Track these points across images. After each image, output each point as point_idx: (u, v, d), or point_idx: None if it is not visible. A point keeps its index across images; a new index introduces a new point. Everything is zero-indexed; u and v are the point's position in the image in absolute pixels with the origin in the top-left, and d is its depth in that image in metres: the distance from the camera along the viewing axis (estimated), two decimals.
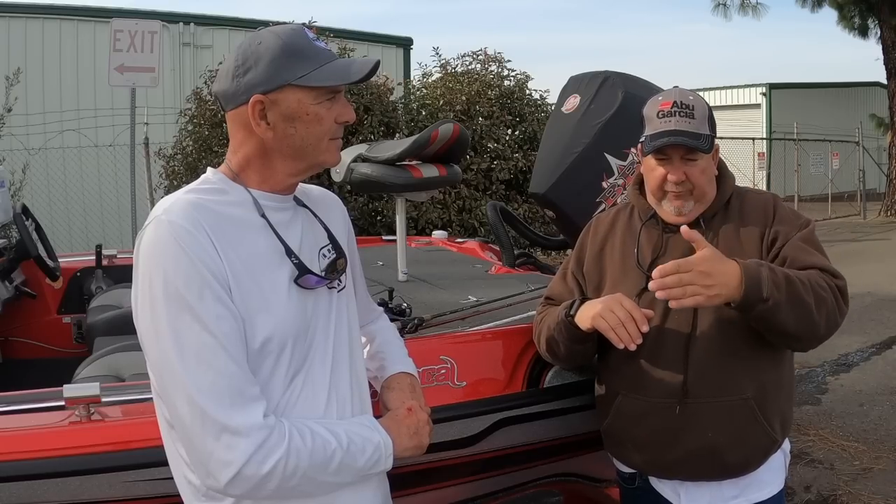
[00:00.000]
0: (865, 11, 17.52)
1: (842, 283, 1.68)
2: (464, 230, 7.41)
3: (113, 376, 2.39)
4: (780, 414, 1.77)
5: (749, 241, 1.76)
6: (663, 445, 1.76)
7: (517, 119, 8.30)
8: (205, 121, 7.32)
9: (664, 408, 1.74)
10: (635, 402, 1.78)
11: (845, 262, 9.89)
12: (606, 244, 1.91)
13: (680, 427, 1.73)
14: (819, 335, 1.68)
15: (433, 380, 1.86)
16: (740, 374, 1.71)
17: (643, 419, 1.78)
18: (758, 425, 1.72)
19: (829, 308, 1.63)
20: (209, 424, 1.19)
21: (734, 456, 1.73)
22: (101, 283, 3.65)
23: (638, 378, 1.77)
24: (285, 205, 1.38)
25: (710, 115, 1.77)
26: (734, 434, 1.71)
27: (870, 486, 3.63)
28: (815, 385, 5.17)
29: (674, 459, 1.77)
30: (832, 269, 1.69)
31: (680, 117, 1.71)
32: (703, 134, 1.72)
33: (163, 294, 1.20)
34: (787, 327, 1.61)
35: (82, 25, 9.85)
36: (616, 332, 1.64)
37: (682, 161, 1.73)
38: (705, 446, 1.72)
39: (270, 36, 1.30)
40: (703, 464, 1.75)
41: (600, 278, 1.89)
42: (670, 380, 1.73)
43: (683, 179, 1.73)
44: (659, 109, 1.75)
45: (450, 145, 2.68)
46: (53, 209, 9.06)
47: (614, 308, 1.65)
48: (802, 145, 18.04)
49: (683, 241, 1.74)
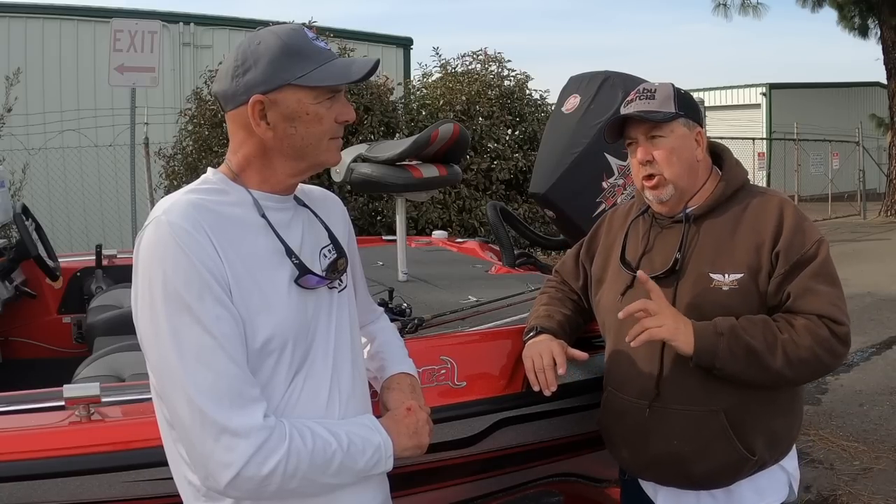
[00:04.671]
0: (865, 11, 17.52)
1: (841, 329, 1.62)
2: (464, 230, 7.40)
3: (113, 376, 2.39)
4: (766, 432, 1.70)
5: (743, 247, 1.69)
6: (636, 446, 1.78)
7: (517, 119, 8.30)
8: (205, 121, 7.32)
9: (637, 408, 1.75)
10: (617, 399, 1.82)
11: (845, 262, 9.92)
12: (616, 239, 1.92)
13: (650, 430, 1.74)
14: (794, 384, 1.71)
15: (433, 380, 1.86)
16: (714, 385, 1.66)
17: (622, 417, 1.80)
18: (726, 441, 1.67)
19: (810, 365, 1.62)
20: (209, 425, 1.19)
21: (699, 468, 1.70)
22: (101, 283, 3.65)
23: (620, 376, 1.81)
24: (285, 205, 1.37)
25: (678, 97, 1.76)
26: (699, 445, 1.68)
27: (870, 486, 3.63)
28: (815, 385, 5.17)
29: (643, 462, 1.78)
30: (834, 313, 1.62)
31: (640, 101, 1.75)
32: (664, 111, 1.73)
33: (162, 295, 1.20)
34: (750, 383, 1.65)
35: (82, 25, 9.84)
36: (536, 376, 1.81)
37: (648, 140, 1.74)
38: (671, 453, 1.71)
39: (270, 36, 1.30)
40: (669, 471, 1.75)
41: (602, 273, 1.93)
42: (644, 381, 1.74)
43: (650, 159, 1.74)
44: (626, 101, 1.79)
45: (450, 145, 2.68)
46: (53, 209, 9.05)
47: (543, 354, 1.81)
48: (802, 145, 18.05)
49: (669, 238, 1.76)
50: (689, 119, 1.76)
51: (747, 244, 1.69)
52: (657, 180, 1.74)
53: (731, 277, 1.67)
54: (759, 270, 1.67)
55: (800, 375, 1.65)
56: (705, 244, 1.72)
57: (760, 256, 1.67)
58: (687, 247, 1.74)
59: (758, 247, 1.68)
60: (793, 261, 1.65)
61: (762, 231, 1.69)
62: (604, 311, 1.89)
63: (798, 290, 1.63)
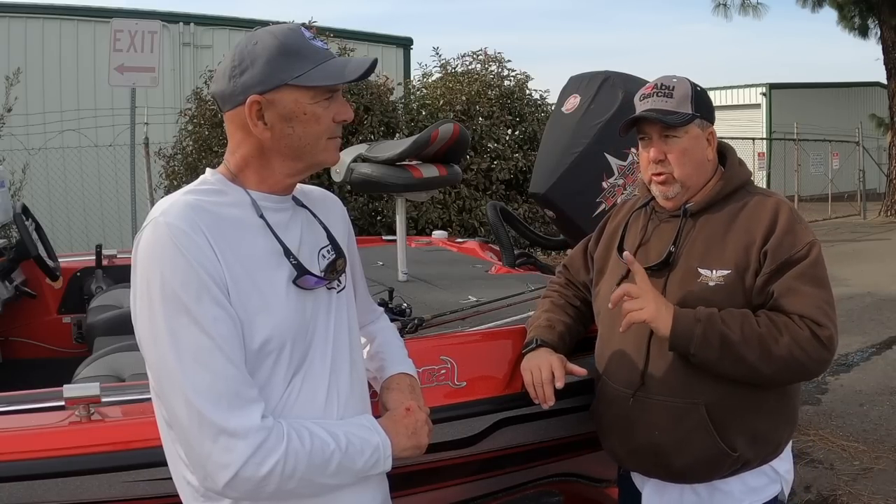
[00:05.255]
0: (865, 11, 17.51)
1: (823, 332, 1.60)
2: (464, 230, 7.40)
3: (113, 376, 2.39)
4: (748, 430, 1.69)
5: (734, 245, 1.70)
6: (621, 434, 1.80)
7: (517, 119, 8.30)
8: (205, 121, 7.32)
9: (623, 398, 1.77)
10: (607, 388, 1.84)
11: (845, 262, 9.94)
12: (617, 230, 1.96)
13: (633, 419, 1.76)
14: (774, 384, 1.69)
15: (433, 380, 1.86)
16: (697, 378, 1.67)
17: (611, 406, 1.82)
18: (706, 434, 1.67)
19: (787, 364, 1.60)
20: (207, 426, 1.19)
21: (678, 460, 1.71)
22: (101, 283, 3.65)
23: (611, 364, 1.83)
24: (284, 205, 1.37)
25: (695, 97, 1.76)
26: (679, 438, 1.69)
27: (870, 486, 3.63)
28: (815, 385, 5.17)
29: (626, 451, 1.81)
30: (815, 315, 1.60)
31: (657, 97, 1.75)
32: (681, 112, 1.73)
33: (160, 296, 1.20)
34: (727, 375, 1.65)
35: (82, 25, 9.85)
36: (535, 390, 1.82)
37: (661, 139, 1.75)
38: (651, 444, 1.73)
39: (267, 36, 1.30)
40: (650, 461, 1.77)
41: (603, 264, 1.96)
42: (631, 371, 1.77)
43: (662, 158, 1.75)
44: (642, 94, 1.79)
45: (450, 145, 2.68)
46: (53, 209, 9.05)
47: (542, 368, 1.82)
48: (802, 145, 18.03)
49: (666, 231, 1.79)
50: (704, 119, 1.78)
51: (738, 242, 1.71)
52: (666, 177, 1.77)
53: (719, 273, 1.69)
54: (746, 268, 1.68)
55: (777, 374, 1.63)
56: (698, 239, 1.75)
57: (749, 255, 1.69)
58: (681, 241, 1.76)
59: (748, 245, 1.69)
60: (780, 260, 1.65)
61: (754, 230, 1.71)
62: (601, 301, 1.91)
63: (782, 290, 1.64)
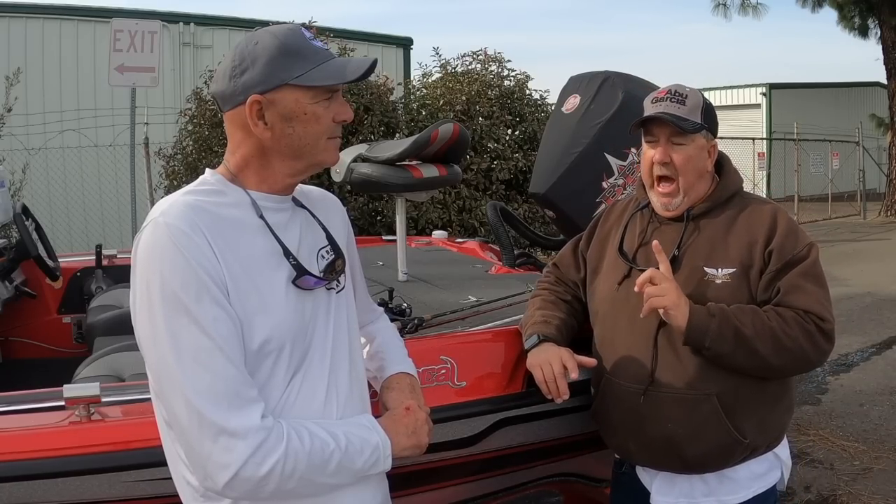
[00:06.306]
0: (865, 11, 17.51)
1: (827, 325, 1.70)
2: (464, 230, 7.40)
3: (113, 376, 2.39)
4: (756, 419, 1.76)
5: (736, 246, 1.77)
6: (630, 431, 1.82)
7: (517, 119, 8.30)
8: (205, 121, 7.32)
9: (633, 394, 1.79)
10: (614, 386, 1.85)
11: (845, 262, 9.94)
12: (612, 231, 1.98)
13: (645, 414, 1.78)
14: (779, 375, 1.76)
15: (433, 380, 1.86)
16: (707, 370, 1.72)
17: (618, 403, 1.83)
18: (718, 423, 1.72)
19: (795, 356, 1.68)
20: (206, 426, 1.19)
21: (692, 450, 1.75)
22: (101, 283, 3.65)
23: (617, 362, 1.84)
24: (283, 205, 1.37)
25: (706, 109, 1.81)
26: (693, 428, 1.74)
27: (870, 486, 3.63)
28: (815, 385, 5.17)
29: (637, 446, 1.83)
30: (820, 311, 1.70)
31: (670, 103, 1.79)
32: (691, 120, 1.78)
33: (160, 297, 1.20)
34: (737, 367, 1.70)
35: (82, 25, 9.85)
36: (547, 386, 1.82)
37: (669, 143, 1.79)
38: (664, 436, 1.76)
39: (267, 36, 1.30)
40: (662, 454, 1.79)
41: (598, 263, 1.97)
42: (640, 367, 1.79)
43: (667, 161, 1.78)
44: (654, 97, 1.82)
45: (450, 145, 2.68)
46: (53, 209, 9.05)
47: (553, 362, 1.82)
48: (802, 145, 18.01)
49: (668, 233, 1.82)
50: (709, 132, 1.83)
51: (741, 242, 1.77)
52: (673, 188, 1.80)
53: (724, 272, 1.75)
54: (750, 267, 1.75)
55: (785, 365, 1.72)
56: (701, 241, 1.80)
57: (753, 254, 1.75)
58: (685, 243, 1.81)
59: (750, 245, 1.76)
60: (785, 259, 1.73)
61: (755, 231, 1.77)
62: (598, 301, 1.93)
63: (788, 286, 1.71)
